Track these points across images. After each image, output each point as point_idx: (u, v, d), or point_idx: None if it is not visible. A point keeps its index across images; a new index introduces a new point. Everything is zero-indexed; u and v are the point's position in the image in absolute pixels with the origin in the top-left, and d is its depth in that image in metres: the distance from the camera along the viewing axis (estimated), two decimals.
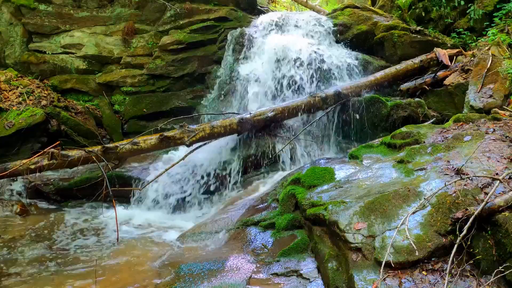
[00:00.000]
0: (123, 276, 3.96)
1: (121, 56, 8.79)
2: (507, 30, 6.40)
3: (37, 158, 5.41)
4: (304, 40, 7.86)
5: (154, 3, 8.74)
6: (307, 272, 3.45)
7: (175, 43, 8.45)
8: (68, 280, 3.95)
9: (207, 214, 5.70)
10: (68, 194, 6.35)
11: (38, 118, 6.84)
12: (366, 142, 5.53)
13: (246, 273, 3.55)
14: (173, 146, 6.16)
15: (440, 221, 3.10)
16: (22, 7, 8.61)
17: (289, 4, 15.00)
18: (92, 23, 8.83)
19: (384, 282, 2.80)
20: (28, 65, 8.61)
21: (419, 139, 4.65)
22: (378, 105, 6.35)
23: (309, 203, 3.97)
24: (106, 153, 5.55)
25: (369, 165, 4.52)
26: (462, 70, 6.55)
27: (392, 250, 2.94)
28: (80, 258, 4.51)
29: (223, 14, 8.73)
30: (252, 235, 4.22)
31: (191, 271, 3.67)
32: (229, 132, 6.19)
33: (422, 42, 7.60)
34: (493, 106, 5.18)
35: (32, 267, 4.27)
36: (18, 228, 5.31)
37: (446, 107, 6.45)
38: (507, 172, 3.28)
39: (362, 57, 7.60)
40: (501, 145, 3.87)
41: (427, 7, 8.23)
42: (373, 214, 3.36)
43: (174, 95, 8.47)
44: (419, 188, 3.52)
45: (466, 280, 2.77)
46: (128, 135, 8.08)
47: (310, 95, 6.55)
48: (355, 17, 8.28)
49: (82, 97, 8.68)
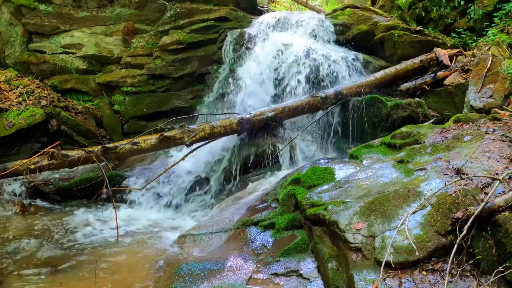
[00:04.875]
0: (123, 276, 3.97)
1: (121, 56, 8.79)
2: (507, 30, 6.40)
3: (37, 158, 5.42)
4: (304, 40, 7.85)
5: (154, 3, 8.74)
6: (307, 272, 3.45)
7: (175, 43, 8.45)
8: (68, 279, 3.96)
9: (207, 214, 5.70)
10: (68, 194, 6.35)
11: (38, 118, 6.85)
12: (366, 142, 5.52)
13: (246, 273, 3.55)
14: (173, 146, 6.16)
15: (440, 221, 3.10)
16: (22, 7, 8.61)
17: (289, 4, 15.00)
18: (92, 23, 8.83)
19: (384, 282, 2.80)
20: (28, 65, 8.61)
21: (419, 139, 4.64)
22: (378, 105, 6.35)
23: (309, 203, 3.97)
24: (106, 153, 5.55)
25: (369, 165, 4.52)
26: (462, 70, 6.54)
27: (392, 250, 2.94)
28: (80, 258, 4.50)
29: (223, 14, 8.73)
30: (252, 235, 4.22)
31: (191, 271, 3.67)
32: (229, 132, 6.20)
33: (422, 42, 7.59)
34: (493, 106, 5.17)
35: (32, 267, 4.27)
36: (18, 228, 5.31)
37: (446, 107, 6.44)
38: (507, 172, 3.28)
39: (362, 57, 7.59)
40: (501, 145, 3.87)
41: (427, 7, 8.22)
42: (373, 214, 3.35)
43: (174, 95, 8.47)
44: (419, 188, 3.51)
45: (466, 280, 2.77)
46: (128, 135, 8.08)
47: (310, 95, 6.55)
48: (355, 17, 8.27)
49: (82, 97, 8.69)
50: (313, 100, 6.46)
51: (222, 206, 5.64)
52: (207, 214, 5.66)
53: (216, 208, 5.74)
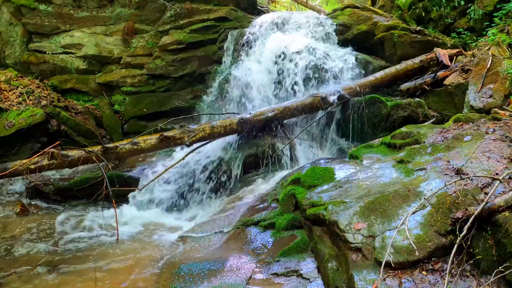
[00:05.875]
0: (123, 276, 3.96)
1: (121, 56, 8.79)
2: (507, 30, 6.40)
3: (37, 158, 5.42)
4: (304, 40, 7.85)
5: (154, 3, 8.75)
6: (307, 272, 3.45)
7: (175, 43, 8.45)
8: (68, 280, 3.95)
9: (207, 214, 5.69)
10: (68, 194, 6.34)
11: (38, 118, 6.84)
12: (366, 142, 5.52)
13: (246, 273, 3.55)
14: (173, 146, 6.16)
15: (440, 221, 3.10)
16: (22, 7, 8.62)
17: (289, 4, 15.00)
18: (92, 23, 8.83)
19: (384, 282, 2.80)
20: (28, 65, 8.61)
21: (419, 139, 4.64)
22: (378, 105, 6.35)
23: (309, 203, 3.97)
24: (106, 153, 5.55)
25: (369, 165, 4.52)
26: (462, 70, 6.54)
27: (392, 250, 2.94)
28: (80, 258, 4.50)
29: (223, 14, 8.74)
30: (252, 235, 4.22)
31: (191, 271, 3.67)
32: (229, 132, 6.19)
33: (422, 42, 7.60)
34: (493, 106, 5.17)
35: (31, 267, 4.26)
36: (18, 228, 5.30)
37: (446, 107, 6.45)
38: (507, 172, 3.28)
39: (362, 57, 7.60)
40: (501, 145, 3.87)
41: (427, 7, 8.22)
42: (373, 214, 3.35)
43: (174, 95, 8.47)
44: (419, 188, 3.51)
45: (466, 280, 2.77)
46: (128, 135, 8.08)
47: (310, 95, 6.55)
48: (355, 17, 8.28)
49: (82, 97, 8.69)
50: (313, 100, 6.46)
51: (222, 206, 5.64)
52: (207, 214, 5.65)
53: (216, 208, 5.73)
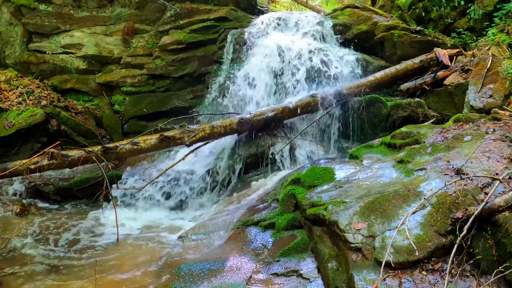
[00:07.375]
0: (123, 276, 3.96)
1: (121, 56, 8.79)
2: (507, 30, 6.40)
3: (37, 158, 5.42)
4: (304, 40, 7.86)
5: (154, 3, 8.74)
6: (307, 272, 3.45)
7: (175, 43, 8.45)
8: (68, 280, 3.95)
9: (207, 214, 5.69)
10: (68, 194, 6.35)
11: (38, 118, 6.84)
12: (366, 142, 5.53)
13: (246, 273, 3.55)
14: (173, 146, 6.16)
15: (440, 221, 3.10)
16: (22, 7, 8.61)
17: (289, 4, 15.00)
18: (92, 23, 8.83)
19: (384, 282, 2.80)
20: (28, 65, 8.61)
21: (419, 139, 4.65)
22: (378, 105, 6.35)
23: (309, 203, 3.97)
24: (106, 153, 5.55)
25: (369, 165, 4.52)
26: (462, 70, 6.54)
27: (392, 250, 2.94)
28: (80, 258, 4.51)
29: (223, 14, 8.73)
30: (252, 235, 4.22)
31: (191, 271, 3.67)
32: (229, 132, 6.20)
33: (422, 42, 7.60)
34: (493, 106, 5.18)
35: (31, 267, 4.27)
36: (18, 228, 5.30)
37: (446, 107, 6.45)
38: (507, 172, 3.28)
39: (362, 57, 7.60)
40: (501, 145, 3.87)
41: (427, 7, 8.23)
42: (373, 214, 3.35)
43: (174, 95, 8.46)
44: (419, 188, 3.51)
45: (466, 280, 2.77)
46: (128, 135, 8.08)
47: (310, 95, 6.55)
48: (355, 17, 8.28)
49: (82, 97, 8.68)
50: (313, 100, 6.46)
51: (222, 206, 5.64)
52: (207, 214, 5.65)
53: (216, 208, 5.74)
